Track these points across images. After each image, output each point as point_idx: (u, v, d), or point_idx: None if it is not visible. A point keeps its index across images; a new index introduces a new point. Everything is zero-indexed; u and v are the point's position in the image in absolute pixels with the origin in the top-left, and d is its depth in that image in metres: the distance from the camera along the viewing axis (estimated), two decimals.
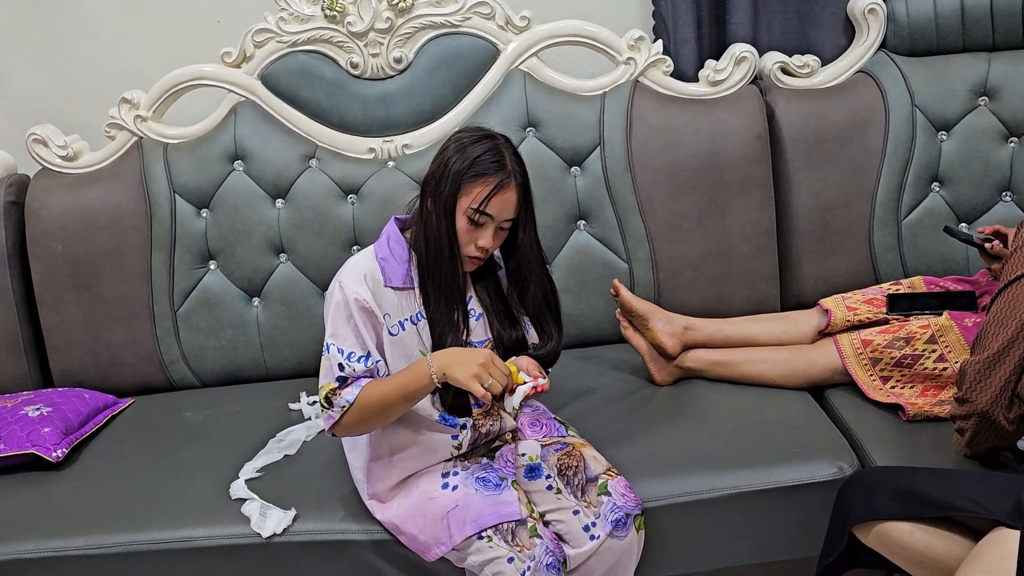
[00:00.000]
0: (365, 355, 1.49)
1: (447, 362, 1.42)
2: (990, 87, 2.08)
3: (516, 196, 1.47)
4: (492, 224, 1.47)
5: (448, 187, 1.45)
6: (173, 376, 2.15)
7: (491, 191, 1.44)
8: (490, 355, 1.42)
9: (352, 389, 1.47)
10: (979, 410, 1.47)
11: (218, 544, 1.63)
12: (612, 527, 1.51)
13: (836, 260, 2.11)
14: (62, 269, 2.10)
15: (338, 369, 1.48)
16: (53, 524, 1.68)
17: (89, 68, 2.33)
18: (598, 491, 1.54)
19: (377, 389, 1.47)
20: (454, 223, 1.46)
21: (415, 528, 1.53)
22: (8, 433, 1.84)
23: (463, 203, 1.45)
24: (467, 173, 1.44)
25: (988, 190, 2.10)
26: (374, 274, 1.51)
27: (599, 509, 1.52)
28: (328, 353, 1.49)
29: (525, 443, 1.63)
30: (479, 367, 1.40)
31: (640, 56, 2.08)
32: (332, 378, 1.48)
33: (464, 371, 1.40)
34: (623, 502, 1.53)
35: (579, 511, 1.53)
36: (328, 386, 1.48)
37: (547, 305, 1.59)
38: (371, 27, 2.04)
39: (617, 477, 1.57)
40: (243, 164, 2.11)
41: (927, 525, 1.39)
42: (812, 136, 2.08)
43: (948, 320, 1.75)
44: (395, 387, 1.46)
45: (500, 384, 1.41)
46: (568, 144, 2.08)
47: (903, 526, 1.40)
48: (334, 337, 1.48)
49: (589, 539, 1.51)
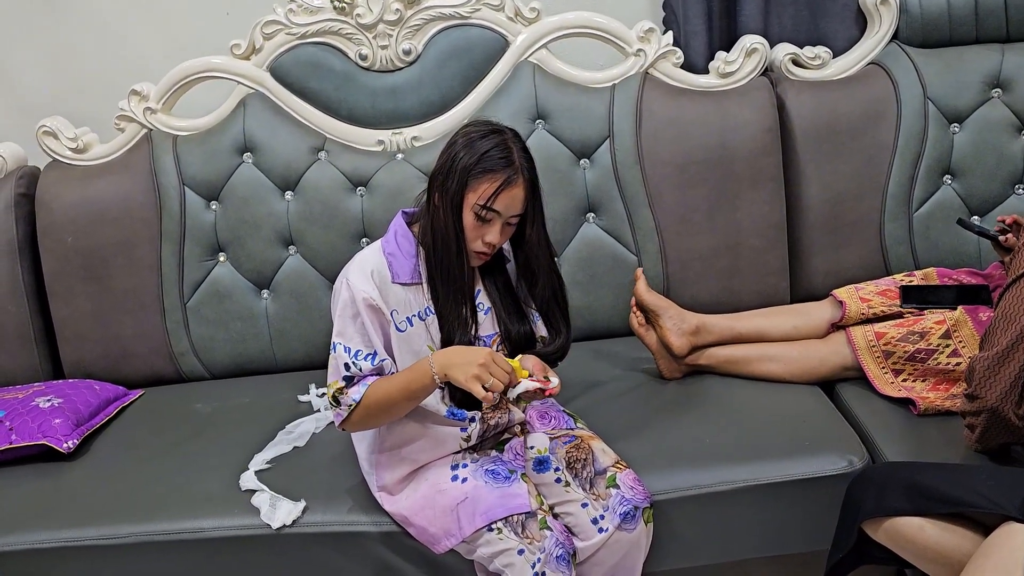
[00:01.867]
0: (372, 353, 1.49)
1: (448, 362, 1.42)
2: (1003, 79, 2.06)
3: (523, 192, 1.47)
4: (499, 220, 1.47)
5: (455, 183, 1.44)
6: (183, 368, 2.15)
7: (498, 188, 1.44)
8: (490, 354, 1.42)
9: (358, 388, 1.48)
10: (988, 406, 1.46)
11: (228, 535, 1.63)
12: (621, 520, 1.51)
13: (847, 253, 2.10)
14: (72, 261, 2.10)
15: (344, 368, 1.49)
16: (64, 515, 1.69)
17: (99, 60, 2.33)
18: (607, 484, 1.54)
19: (381, 388, 1.48)
20: (461, 219, 1.46)
21: (424, 520, 1.54)
22: (20, 424, 1.85)
23: (470, 199, 1.45)
24: (474, 169, 1.43)
25: (1001, 183, 2.08)
26: (381, 270, 1.51)
27: (608, 502, 1.52)
28: (335, 352, 1.49)
29: (534, 436, 1.63)
30: (479, 368, 1.39)
31: (650, 48, 2.07)
32: (338, 377, 1.49)
33: (464, 372, 1.40)
34: (632, 495, 1.53)
35: (588, 504, 1.53)
36: (335, 385, 1.49)
37: (555, 300, 1.58)
38: (380, 19, 2.04)
39: (626, 470, 1.57)
40: (252, 156, 2.11)
41: (937, 520, 1.38)
42: (823, 128, 2.07)
43: (963, 315, 1.74)
44: (398, 386, 1.47)
45: (502, 383, 1.41)
46: (577, 136, 2.07)
47: (913, 521, 1.39)
48: (340, 336, 1.49)
49: (598, 532, 1.51)
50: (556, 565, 1.46)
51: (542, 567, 1.45)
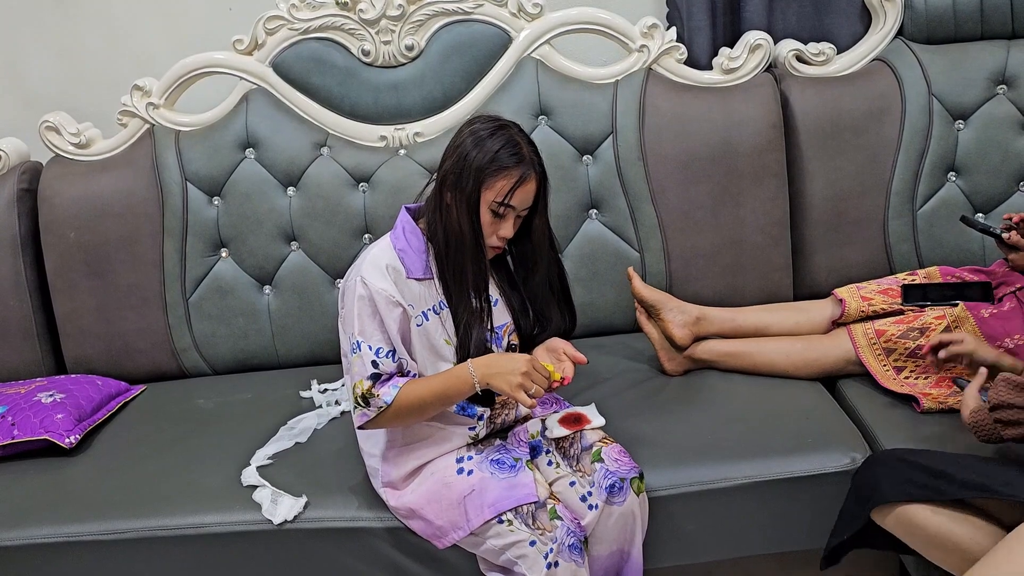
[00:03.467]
0: (391, 350, 1.49)
1: (490, 372, 1.45)
2: (1008, 75, 2.05)
3: (536, 186, 1.50)
4: (513, 214, 1.50)
5: (471, 183, 1.46)
6: (185, 363, 2.15)
7: (514, 184, 1.46)
8: (530, 361, 1.45)
9: (389, 390, 1.48)
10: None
11: (229, 531, 1.63)
12: (607, 494, 1.51)
13: (850, 250, 2.09)
14: (75, 256, 2.10)
15: (372, 367, 1.48)
16: (66, 510, 1.69)
17: (101, 56, 2.33)
18: (592, 459, 1.55)
19: (415, 391, 1.48)
20: (479, 217, 1.47)
21: (431, 514, 1.54)
22: (22, 419, 1.85)
23: (487, 197, 1.47)
24: (489, 168, 1.46)
25: (1005, 180, 2.08)
26: (395, 265, 1.51)
27: (593, 477, 1.53)
28: (359, 351, 1.48)
29: (532, 423, 1.64)
30: (522, 376, 1.43)
31: (653, 44, 2.07)
32: (366, 375, 1.48)
33: (508, 381, 1.43)
34: (616, 467, 1.53)
35: (575, 482, 1.54)
36: (362, 384, 1.48)
37: (551, 289, 1.60)
38: (383, 14, 2.03)
39: (612, 444, 1.57)
40: (255, 152, 2.11)
41: (951, 509, 1.38)
42: (827, 125, 2.06)
43: (964, 311, 1.73)
44: (434, 391, 1.49)
45: (543, 388, 1.44)
46: (580, 132, 2.07)
47: (926, 509, 1.38)
48: (363, 335, 1.49)
49: (588, 509, 1.51)
50: (569, 554, 1.46)
51: (555, 557, 1.45)
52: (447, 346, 1.53)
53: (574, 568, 1.46)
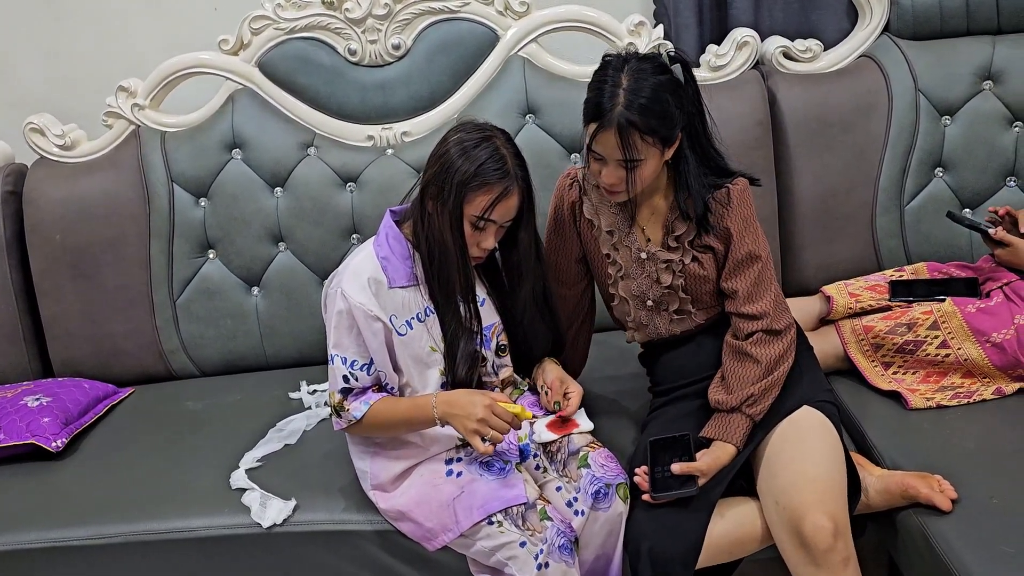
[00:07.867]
0: (368, 363, 1.50)
1: (451, 411, 1.46)
2: (995, 71, 2.06)
3: (519, 200, 1.49)
4: (494, 227, 1.49)
5: (452, 196, 1.45)
6: (173, 365, 2.14)
7: (495, 199, 1.45)
8: (490, 404, 1.44)
9: (360, 406, 1.50)
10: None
11: (218, 534, 1.62)
12: (593, 500, 1.51)
13: (838, 246, 2.10)
14: (61, 259, 2.09)
15: (342, 380, 1.51)
16: (53, 514, 1.68)
17: (86, 57, 2.32)
18: (579, 464, 1.54)
19: (383, 413, 1.50)
20: (461, 229, 1.47)
21: (421, 516, 1.53)
22: (8, 423, 1.84)
23: (468, 211, 1.46)
24: (471, 183, 1.45)
25: (992, 175, 2.08)
26: (377, 276, 1.51)
27: (579, 483, 1.52)
28: (332, 364, 1.51)
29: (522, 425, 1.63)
30: (477, 423, 1.43)
31: (641, 41, 2.06)
32: (337, 389, 1.51)
33: (464, 425, 1.45)
34: (602, 472, 1.52)
35: (561, 487, 1.54)
36: (334, 397, 1.52)
37: (536, 302, 1.59)
38: (369, 13, 2.02)
39: (599, 448, 1.57)
40: (241, 152, 2.10)
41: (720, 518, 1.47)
42: (814, 121, 2.06)
43: (951, 306, 1.74)
44: (401, 416, 1.51)
45: (501, 433, 1.44)
46: (568, 131, 2.06)
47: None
48: (337, 347, 1.50)
49: (574, 515, 1.51)
50: (559, 555, 1.46)
51: (545, 558, 1.45)
52: (433, 353, 1.53)
53: (564, 568, 1.46)
